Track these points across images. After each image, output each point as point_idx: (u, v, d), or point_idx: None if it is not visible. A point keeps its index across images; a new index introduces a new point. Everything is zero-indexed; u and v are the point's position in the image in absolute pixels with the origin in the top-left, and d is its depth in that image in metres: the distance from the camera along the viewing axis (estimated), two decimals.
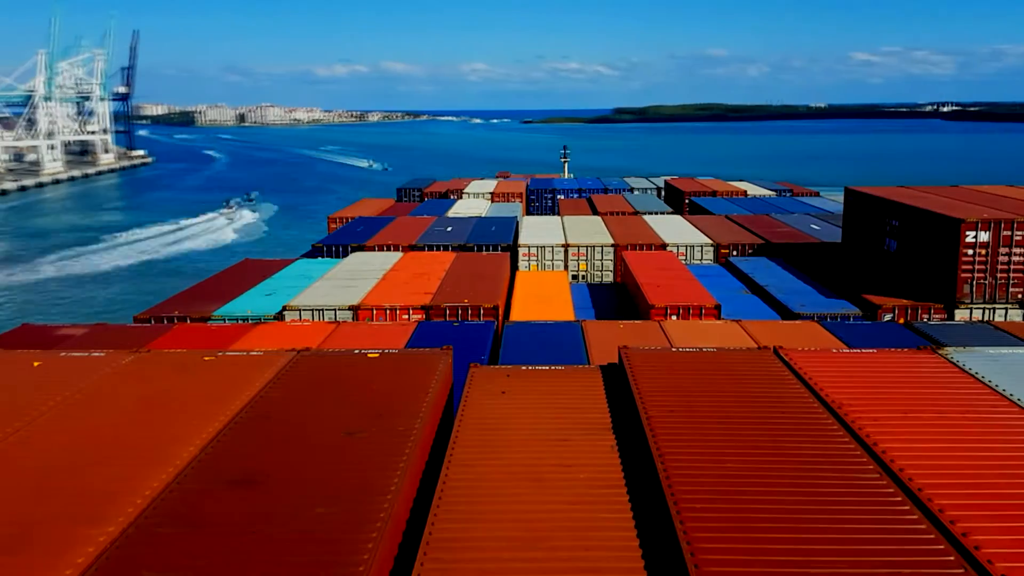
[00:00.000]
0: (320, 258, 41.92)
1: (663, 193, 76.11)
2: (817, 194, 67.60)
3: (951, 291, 30.43)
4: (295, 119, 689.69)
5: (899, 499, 9.80)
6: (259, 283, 33.82)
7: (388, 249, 42.17)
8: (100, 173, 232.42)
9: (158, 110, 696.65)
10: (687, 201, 66.15)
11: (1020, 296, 30.50)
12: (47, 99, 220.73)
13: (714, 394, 13.33)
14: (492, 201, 66.62)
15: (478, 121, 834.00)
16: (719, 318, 28.20)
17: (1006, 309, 30.48)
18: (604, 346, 21.93)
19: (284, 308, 28.90)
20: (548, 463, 11.55)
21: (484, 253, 40.74)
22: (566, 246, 42.52)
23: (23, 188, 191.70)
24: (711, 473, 10.63)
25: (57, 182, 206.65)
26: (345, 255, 40.85)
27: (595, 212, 57.74)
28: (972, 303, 30.44)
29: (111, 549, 8.93)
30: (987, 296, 30.41)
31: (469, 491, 10.80)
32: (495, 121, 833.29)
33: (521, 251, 42.52)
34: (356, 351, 16.50)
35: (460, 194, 72.66)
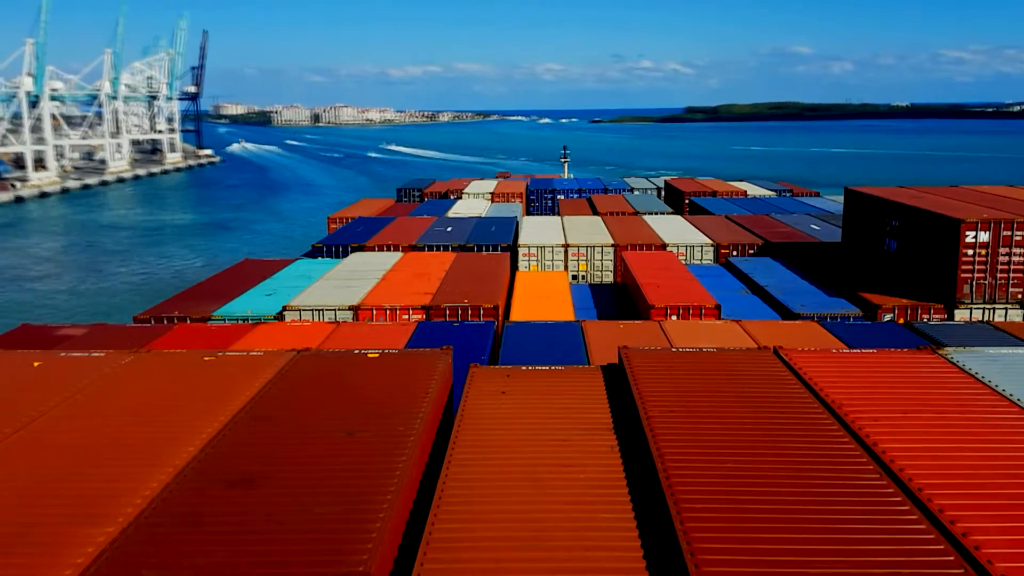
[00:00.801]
0: (320, 258, 41.92)
1: (663, 193, 76.12)
2: (817, 194, 67.60)
3: (951, 291, 30.42)
4: (367, 119, 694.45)
5: (899, 499, 9.80)
6: (259, 283, 33.82)
7: (388, 249, 42.17)
8: (165, 172, 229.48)
9: (238, 110, 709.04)
10: (687, 201, 66.15)
11: (1020, 296, 30.49)
12: (112, 98, 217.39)
13: (714, 394, 13.32)
14: (492, 201, 66.60)
15: (546, 120, 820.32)
16: (719, 318, 28.19)
17: (1006, 309, 30.47)
18: (604, 346, 21.93)
19: (284, 308, 28.89)
20: (548, 463, 11.55)
21: (484, 253, 40.73)
22: (566, 246, 42.52)
23: (86, 187, 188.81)
24: (711, 473, 10.63)
25: (121, 180, 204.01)
26: (345, 255, 40.85)
27: (595, 212, 57.73)
28: (972, 303, 30.43)
29: (111, 549, 8.94)
30: (987, 296, 30.40)
31: (469, 491, 10.80)
32: (563, 121, 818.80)
33: (521, 251, 42.51)
34: (356, 351, 16.50)
35: (460, 194, 72.66)
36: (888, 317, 29.99)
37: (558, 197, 71.31)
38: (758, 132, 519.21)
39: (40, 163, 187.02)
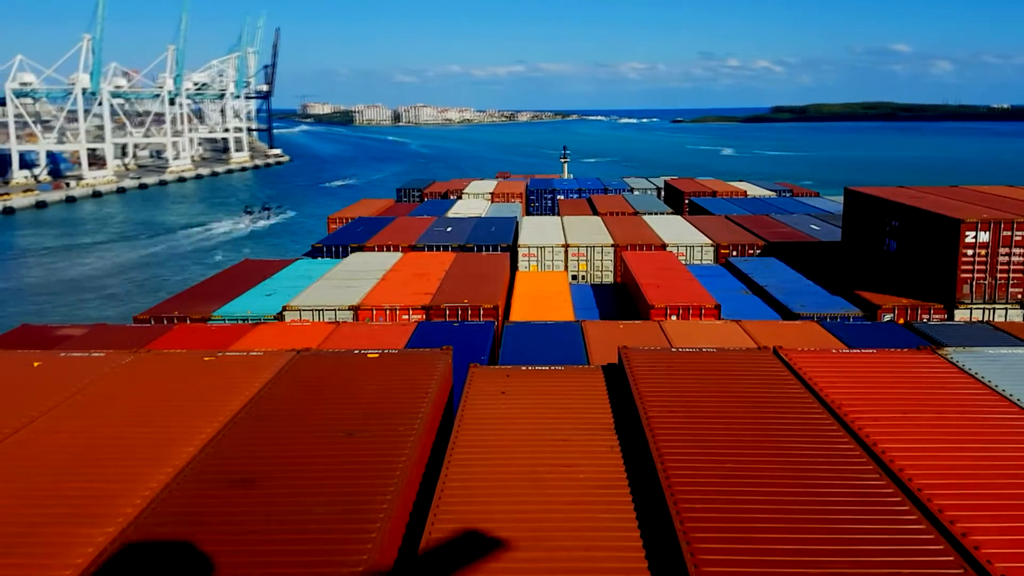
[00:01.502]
0: (320, 258, 41.92)
1: (663, 193, 76.15)
2: (817, 194, 67.64)
3: (951, 291, 30.42)
4: (446, 119, 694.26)
5: (898, 499, 9.80)
6: (259, 283, 33.83)
7: (388, 249, 42.18)
8: (230, 171, 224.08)
9: (325, 109, 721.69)
10: (687, 201, 66.17)
11: (1020, 296, 30.49)
12: (174, 96, 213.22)
13: (714, 394, 13.32)
14: (492, 201, 66.61)
15: (626, 120, 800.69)
16: (719, 318, 28.20)
17: (1006, 309, 30.47)
18: (604, 346, 21.94)
19: (284, 308, 28.90)
20: (548, 463, 11.55)
21: (484, 253, 40.74)
22: (566, 246, 42.53)
23: (143, 186, 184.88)
24: (711, 473, 10.63)
25: (182, 180, 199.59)
26: (345, 255, 40.86)
27: (595, 212, 57.74)
28: (972, 303, 30.43)
29: (111, 549, 8.94)
30: (987, 296, 30.40)
31: (469, 491, 10.80)
32: (644, 120, 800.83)
33: (521, 251, 42.51)
34: (356, 351, 16.50)
35: (460, 194, 72.67)
36: (888, 317, 29.99)
37: (558, 197, 71.33)
38: (851, 133, 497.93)
39: (100, 161, 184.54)
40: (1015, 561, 8.42)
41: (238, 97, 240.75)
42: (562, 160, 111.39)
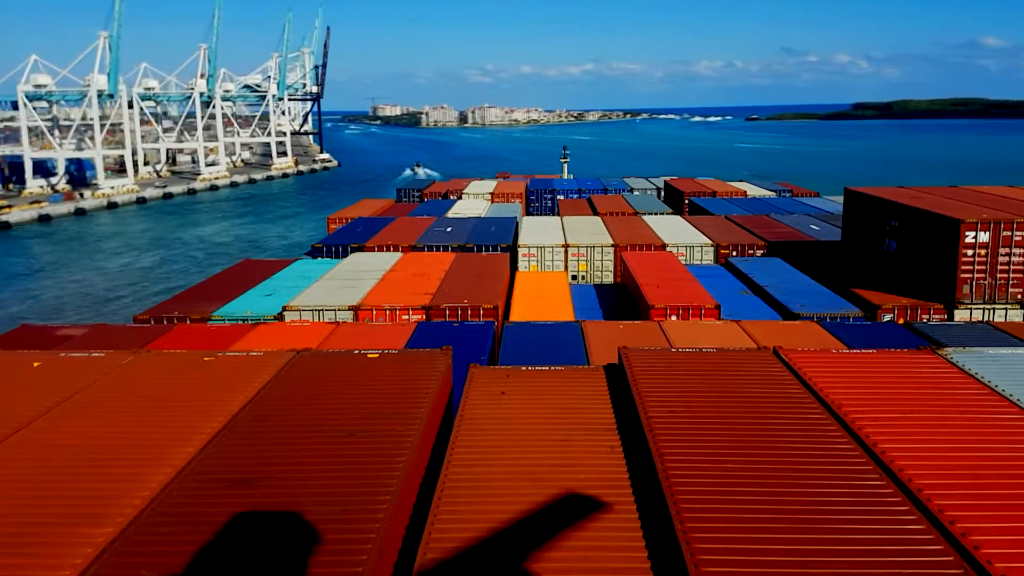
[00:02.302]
0: (320, 258, 41.93)
1: (663, 193, 76.19)
2: (817, 194, 67.66)
3: (951, 291, 30.43)
4: (513, 119, 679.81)
5: (898, 499, 9.80)
6: (259, 283, 33.84)
7: (388, 249, 42.20)
8: (270, 178, 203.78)
9: (395, 111, 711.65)
10: (687, 202, 66.19)
11: (1020, 296, 30.50)
12: (207, 98, 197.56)
13: (714, 394, 13.33)
14: (492, 201, 66.63)
15: (699, 119, 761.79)
16: (719, 318, 28.20)
17: (1006, 309, 30.48)
18: (604, 346, 21.94)
19: (284, 308, 28.90)
20: (548, 463, 11.55)
21: (484, 253, 40.74)
22: (566, 246, 42.53)
23: (168, 196, 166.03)
24: (711, 473, 10.63)
25: (214, 188, 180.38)
26: (345, 255, 40.87)
27: (595, 212, 57.76)
28: (972, 303, 30.44)
29: (110, 549, 8.94)
30: (987, 296, 30.41)
31: (469, 491, 10.80)
32: (717, 119, 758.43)
33: (521, 251, 42.52)
34: (356, 351, 16.50)
35: (460, 194, 72.67)
36: (888, 317, 30.00)
37: (558, 197, 71.39)
38: (945, 132, 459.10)
39: (121, 168, 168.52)
40: (1015, 561, 8.42)
41: (280, 99, 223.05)
42: (562, 160, 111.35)
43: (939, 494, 9.79)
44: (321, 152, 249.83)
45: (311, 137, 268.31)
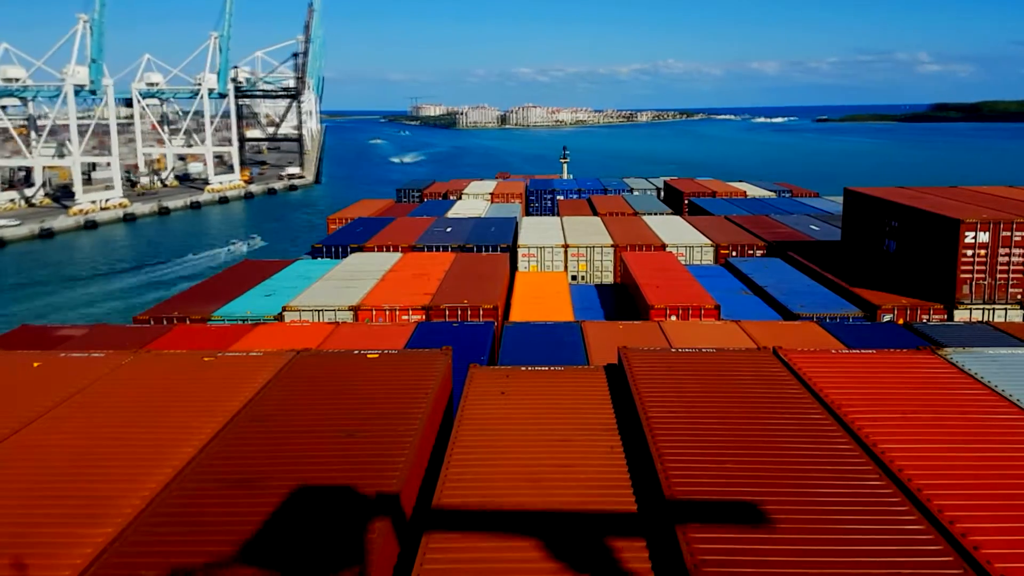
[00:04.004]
0: (320, 259, 41.92)
1: (662, 194, 76.15)
2: (816, 195, 67.59)
3: (950, 291, 30.42)
4: (558, 120, 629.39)
5: (898, 499, 9.81)
6: (259, 284, 33.81)
7: (388, 250, 42.18)
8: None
9: (438, 110, 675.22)
10: (686, 202, 66.15)
11: (1020, 296, 30.49)
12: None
13: (714, 395, 13.33)
14: (491, 202, 66.60)
15: (763, 119, 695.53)
16: (719, 319, 28.20)
17: (1006, 309, 30.47)
18: (604, 347, 21.93)
19: (284, 309, 28.90)
20: (548, 464, 11.56)
21: (484, 254, 40.74)
22: (566, 247, 42.53)
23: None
24: (711, 473, 10.64)
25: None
26: (345, 256, 40.86)
27: (595, 213, 57.74)
28: (972, 303, 30.43)
29: (110, 549, 8.94)
30: (986, 296, 30.40)
31: (468, 492, 10.80)
32: (782, 120, 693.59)
33: (521, 252, 42.52)
34: (356, 352, 16.51)
35: (459, 195, 72.65)
36: (888, 317, 29.99)
37: (557, 197, 71.34)
38: None
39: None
40: (1015, 561, 8.42)
41: (222, 95, 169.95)
42: (562, 160, 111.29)
43: (939, 494, 9.80)
44: (299, 164, 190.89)
45: (311, 143, 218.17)
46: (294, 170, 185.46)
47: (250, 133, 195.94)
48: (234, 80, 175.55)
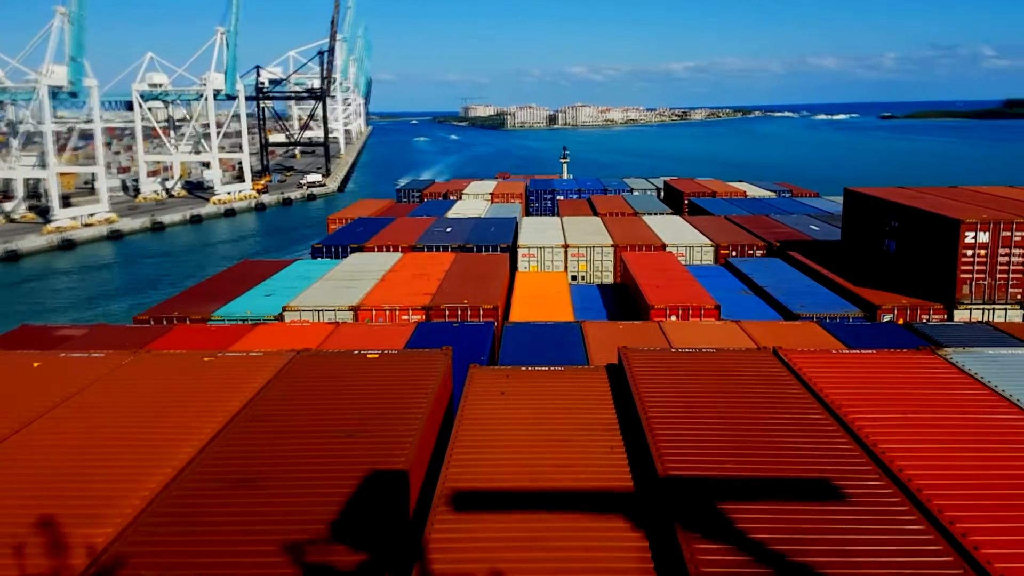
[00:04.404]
0: (320, 259, 41.91)
1: (662, 194, 76.12)
2: (816, 195, 67.55)
3: (950, 291, 30.42)
4: (608, 120, 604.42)
5: (898, 499, 9.80)
6: (259, 284, 33.81)
7: (388, 250, 42.17)
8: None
9: (488, 111, 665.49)
10: (686, 202, 66.12)
11: (1020, 296, 30.49)
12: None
13: (714, 395, 13.33)
14: (491, 202, 66.59)
15: (823, 117, 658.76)
16: (719, 319, 28.21)
17: (1005, 310, 30.47)
18: (604, 347, 21.93)
19: (284, 309, 28.89)
20: (548, 463, 11.55)
21: (484, 254, 40.74)
22: (566, 247, 42.52)
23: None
24: (711, 474, 10.63)
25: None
26: (345, 256, 40.85)
27: (595, 213, 57.73)
28: (972, 303, 30.43)
29: (110, 549, 8.94)
30: (986, 297, 30.40)
31: (468, 492, 10.79)
32: (843, 117, 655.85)
33: (521, 252, 42.51)
34: (356, 352, 16.51)
35: (459, 195, 72.63)
36: (888, 317, 29.98)
37: (557, 198, 71.31)
38: None
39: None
40: (1015, 561, 8.42)
41: (231, 97, 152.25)
42: (562, 161, 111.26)
43: (939, 494, 9.80)
44: (325, 170, 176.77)
45: (347, 147, 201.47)
46: (315, 177, 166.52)
47: (273, 138, 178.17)
48: (259, 81, 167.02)
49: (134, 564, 8.70)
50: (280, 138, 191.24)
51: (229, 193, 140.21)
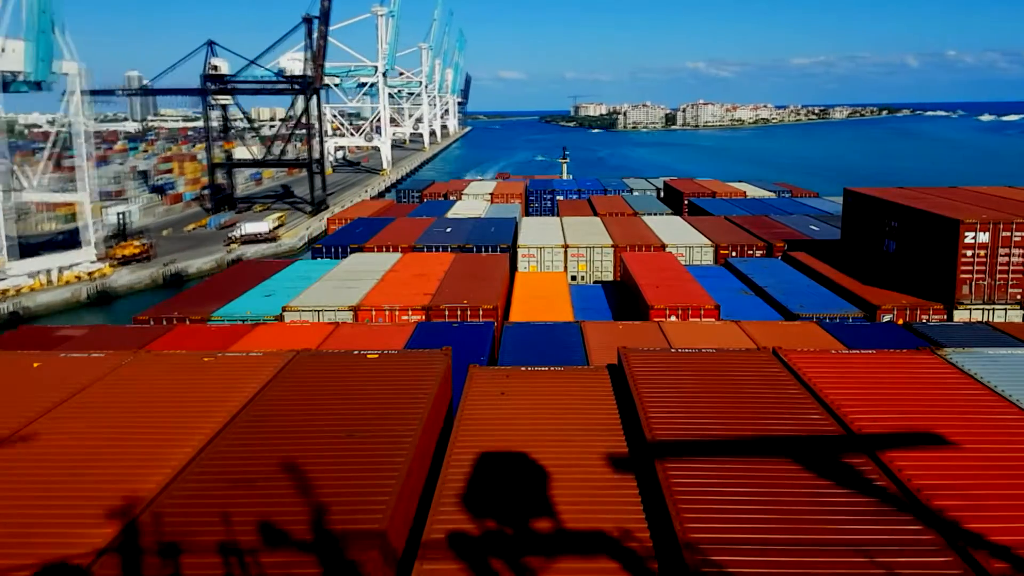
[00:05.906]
0: (320, 259, 41.91)
1: (662, 194, 76.08)
2: (816, 195, 67.54)
3: (950, 292, 30.43)
4: (736, 119, 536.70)
5: (898, 499, 9.80)
6: (258, 284, 33.81)
7: (387, 250, 42.17)
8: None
9: (600, 109, 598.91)
10: (686, 202, 66.08)
11: (1019, 296, 30.50)
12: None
13: (713, 395, 13.33)
14: (491, 202, 66.59)
15: (990, 117, 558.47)
16: (718, 319, 28.20)
17: (1005, 310, 30.48)
18: (603, 347, 21.93)
19: (284, 309, 28.89)
20: (549, 463, 11.55)
21: (483, 254, 40.73)
22: (565, 247, 42.52)
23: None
24: (711, 473, 10.63)
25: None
26: (344, 256, 40.84)
27: (595, 213, 57.71)
28: (971, 304, 30.44)
29: (110, 548, 8.94)
30: (986, 297, 30.41)
31: (468, 492, 10.79)
32: (1015, 117, 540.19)
33: (520, 252, 42.51)
34: (355, 352, 16.51)
35: (459, 195, 72.61)
36: (887, 317, 29.98)
37: (557, 198, 71.26)
38: None
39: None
40: (1015, 561, 8.42)
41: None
42: (561, 161, 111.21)
43: (939, 494, 9.80)
44: (311, 203, 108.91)
45: (386, 160, 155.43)
46: (257, 227, 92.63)
47: (238, 152, 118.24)
48: (208, 67, 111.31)
49: (135, 564, 8.70)
50: (247, 153, 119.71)
51: (31, 277, 70.45)
